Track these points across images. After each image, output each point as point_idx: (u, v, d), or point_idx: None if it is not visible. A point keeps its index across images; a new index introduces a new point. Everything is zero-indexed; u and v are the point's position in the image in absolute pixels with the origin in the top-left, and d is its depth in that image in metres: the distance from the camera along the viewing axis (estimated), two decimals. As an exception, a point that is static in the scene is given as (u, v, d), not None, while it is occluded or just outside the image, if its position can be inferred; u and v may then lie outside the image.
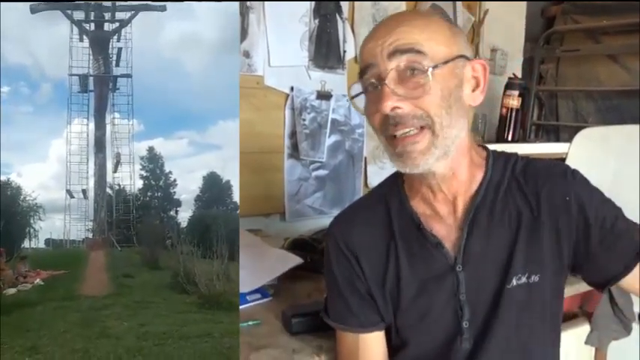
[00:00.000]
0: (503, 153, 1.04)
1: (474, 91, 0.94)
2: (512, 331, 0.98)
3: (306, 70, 2.14)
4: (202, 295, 2.74)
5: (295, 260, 1.55)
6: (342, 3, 2.19)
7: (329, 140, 2.20)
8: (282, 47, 2.06)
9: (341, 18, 2.19)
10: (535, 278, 0.96)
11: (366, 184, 2.35)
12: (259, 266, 1.53)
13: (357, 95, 0.92)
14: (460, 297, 0.97)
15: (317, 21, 2.13)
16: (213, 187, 8.52)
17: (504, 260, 0.96)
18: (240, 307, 1.38)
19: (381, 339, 1.05)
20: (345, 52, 2.21)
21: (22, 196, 6.37)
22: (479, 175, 0.99)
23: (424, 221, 0.99)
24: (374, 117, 0.90)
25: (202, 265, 3.10)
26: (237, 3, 1.96)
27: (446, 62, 0.87)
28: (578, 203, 0.94)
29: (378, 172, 2.37)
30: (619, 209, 0.98)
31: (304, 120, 2.12)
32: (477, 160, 1.00)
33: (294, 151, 2.14)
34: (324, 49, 2.16)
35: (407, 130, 0.86)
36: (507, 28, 2.87)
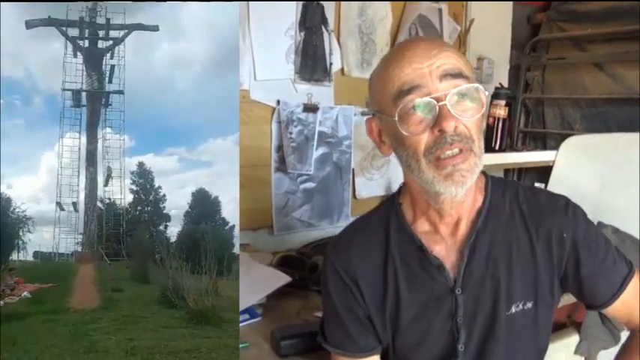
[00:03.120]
0: (501, 179, 1.06)
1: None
2: (505, 355, 0.99)
3: (292, 83, 2.12)
4: (191, 310, 2.73)
5: (284, 279, 1.55)
6: (327, 15, 2.17)
7: (316, 153, 2.19)
8: (267, 61, 2.05)
9: (327, 30, 2.18)
10: (529, 305, 0.98)
11: (354, 196, 2.35)
12: (248, 286, 1.52)
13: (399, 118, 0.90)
14: (457, 320, 0.98)
15: (302, 34, 2.12)
16: (203, 203, 8.55)
17: (504, 286, 0.97)
18: (229, 328, 1.38)
19: None
20: (331, 64, 2.20)
21: (11, 208, 6.34)
22: (479, 200, 1.00)
23: (425, 242, 0.99)
24: (418, 138, 0.89)
25: (191, 280, 3.08)
26: (237, 18, 1.95)
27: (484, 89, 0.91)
28: (573, 240, 0.98)
29: (367, 183, 2.37)
30: (609, 244, 1.04)
31: (291, 133, 2.11)
32: (479, 184, 1.01)
33: (282, 165, 2.13)
34: (310, 62, 2.15)
35: (460, 148, 0.88)
36: (493, 36, 2.87)
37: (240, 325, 1.40)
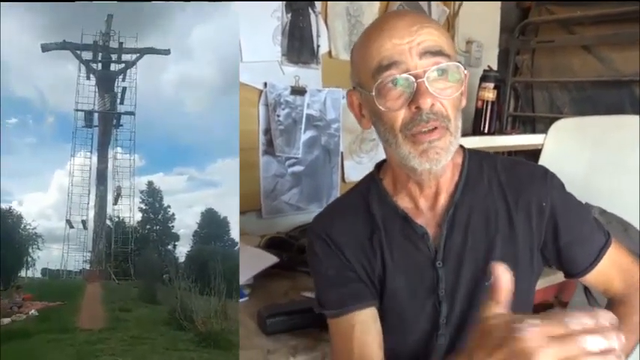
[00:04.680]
0: (479, 152, 1.06)
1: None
2: None
3: (279, 66, 2.11)
4: (199, 333, 2.69)
5: (271, 259, 1.55)
6: (314, -4, 2.16)
7: (304, 136, 2.18)
8: (254, 43, 2.03)
9: (314, 12, 2.16)
10: None
11: (343, 179, 2.34)
12: (234, 266, 1.52)
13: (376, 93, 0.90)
14: (439, 292, 0.99)
15: (289, 15, 2.10)
16: (212, 223, 8.55)
17: (482, 258, 0.98)
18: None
19: (376, 317, 1.03)
20: (318, 46, 2.19)
21: (22, 225, 6.38)
22: (457, 173, 1.01)
23: (408, 214, 1.00)
24: (395, 114, 0.90)
25: (200, 302, 3.04)
26: (237, 41, 1.94)
27: (464, 67, 0.92)
28: (552, 208, 0.99)
29: (355, 166, 2.37)
30: (588, 213, 1.06)
31: (279, 116, 2.10)
32: (456, 158, 1.02)
33: (269, 148, 2.12)
34: (298, 44, 2.13)
35: (436, 126, 0.88)
36: (482, 19, 2.86)
37: (228, 304, 1.40)
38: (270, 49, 2.08)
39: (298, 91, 2.14)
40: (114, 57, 6.86)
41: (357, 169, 2.36)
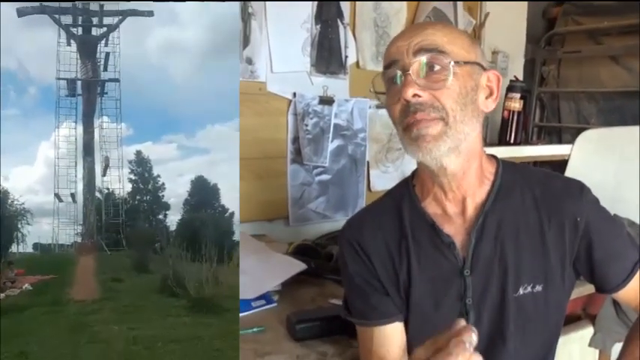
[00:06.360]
0: (513, 163, 1.07)
1: (487, 98, 0.97)
2: (516, 338, 1.00)
3: (308, 76, 2.15)
4: (192, 299, 2.73)
5: (299, 266, 1.57)
6: (343, 8, 2.19)
7: (332, 145, 2.22)
8: (284, 53, 2.08)
9: (342, 23, 2.20)
10: (538, 288, 0.98)
11: (369, 188, 2.36)
12: (264, 272, 1.54)
13: (381, 92, 0.97)
14: (466, 301, 0.99)
15: (318, 27, 2.14)
16: (202, 191, 8.49)
17: (512, 269, 0.98)
18: (245, 313, 1.39)
19: (400, 330, 1.06)
20: (346, 57, 2.22)
21: (9, 200, 6.27)
22: (488, 181, 1.01)
23: (436, 221, 1.01)
24: (394, 107, 0.94)
25: (191, 269, 3.08)
26: (238, 3, 1.97)
27: (466, 63, 0.92)
28: (586, 224, 0.98)
29: (381, 176, 2.39)
30: (622, 227, 1.06)
31: (307, 125, 2.13)
32: (486, 166, 1.02)
33: (297, 156, 2.15)
34: (326, 55, 2.17)
35: (424, 117, 0.90)
36: (508, 30, 2.87)
37: (257, 310, 1.42)
38: (300, 59, 2.12)
39: (326, 100, 2.17)
40: (95, 20, 6.53)
41: (383, 179, 2.38)
